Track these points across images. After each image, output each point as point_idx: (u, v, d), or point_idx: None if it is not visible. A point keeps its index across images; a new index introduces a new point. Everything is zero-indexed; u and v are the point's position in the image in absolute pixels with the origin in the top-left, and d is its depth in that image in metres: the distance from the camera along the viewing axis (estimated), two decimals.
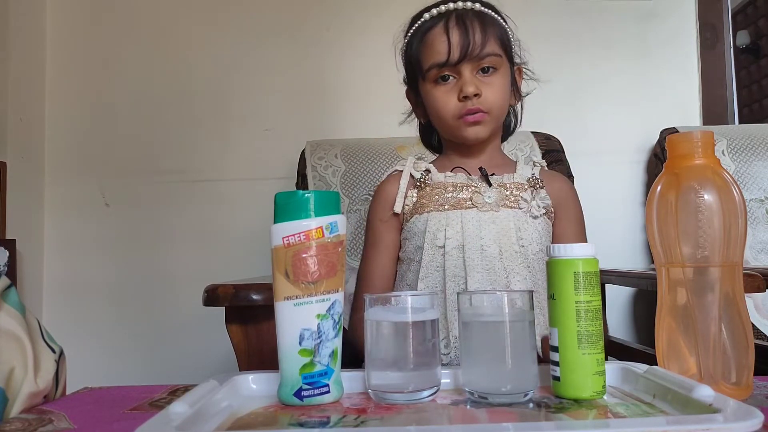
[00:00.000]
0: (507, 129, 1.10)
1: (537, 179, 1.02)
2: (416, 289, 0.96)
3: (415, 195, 1.01)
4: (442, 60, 0.95)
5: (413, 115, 1.10)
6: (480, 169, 1.01)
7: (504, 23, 1.01)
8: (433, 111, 1.00)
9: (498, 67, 0.97)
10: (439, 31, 0.96)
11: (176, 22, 1.91)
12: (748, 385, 0.66)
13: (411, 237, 1.00)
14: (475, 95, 0.94)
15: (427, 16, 0.99)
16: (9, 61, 1.75)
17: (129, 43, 1.91)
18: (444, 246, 0.95)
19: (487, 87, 0.95)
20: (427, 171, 1.03)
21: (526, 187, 1.01)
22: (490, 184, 0.99)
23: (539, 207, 0.99)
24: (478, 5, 0.98)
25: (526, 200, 0.99)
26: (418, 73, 1.00)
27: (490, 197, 0.98)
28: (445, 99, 0.96)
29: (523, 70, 1.06)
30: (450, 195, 0.99)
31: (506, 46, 1.00)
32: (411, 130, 1.14)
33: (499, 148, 1.08)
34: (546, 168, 1.08)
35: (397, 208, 1.01)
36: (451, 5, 0.97)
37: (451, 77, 0.96)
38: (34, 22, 1.87)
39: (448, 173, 1.02)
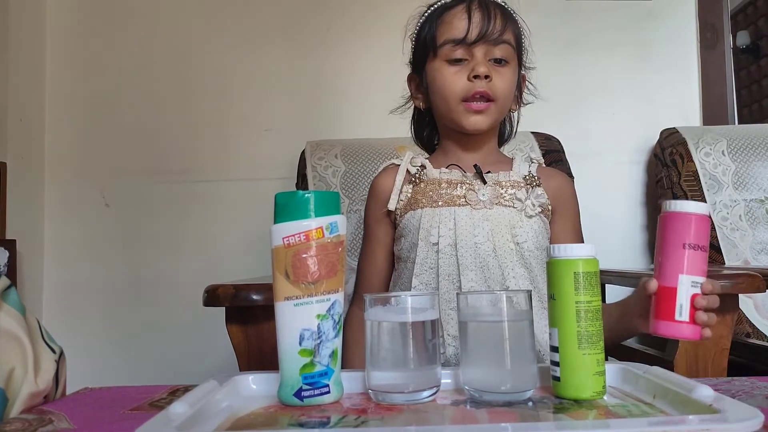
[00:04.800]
0: (501, 136, 1.09)
1: (534, 177, 1.01)
2: (410, 288, 0.95)
3: (410, 191, 1.00)
4: (459, 36, 0.94)
5: (407, 105, 1.08)
6: (475, 166, 0.99)
7: (521, 26, 1.01)
8: (438, 90, 0.98)
9: (509, 60, 0.97)
10: (460, 9, 0.96)
11: (176, 23, 1.91)
12: None
13: (406, 234, 0.99)
14: (486, 77, 0.93)
15: None
16: (9, 61, 1.75)
17: (129, 43, 1.91)
18: (438, 243, 0.95)
19: (497, 75, 0.95)
20: (423, 167, 1.02)
21: (522, 185, 0.99)
22: (485, 182, 0.98)
23: (534, 206, 0.97)
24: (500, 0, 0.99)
25: (520, 199, 0.97)
26: (429, 50, 0.98)
27: (484, 195, 0.96)
28: (454, 78, 0.95)
29: (526, 80, 1.06)
30: (444, 191, 0.97)
31: (519, 45, 1.00)
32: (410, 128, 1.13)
33: (496, 148, 1.06)
34: (543, 165, 1.07)
35: (391, 206, 0.99)
36: None
37: (463, 60, 0.95)
38: (34, 22, 1.87)
39: (443, 169, 1.00)
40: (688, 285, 0.67)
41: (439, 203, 0.97)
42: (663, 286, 0.69)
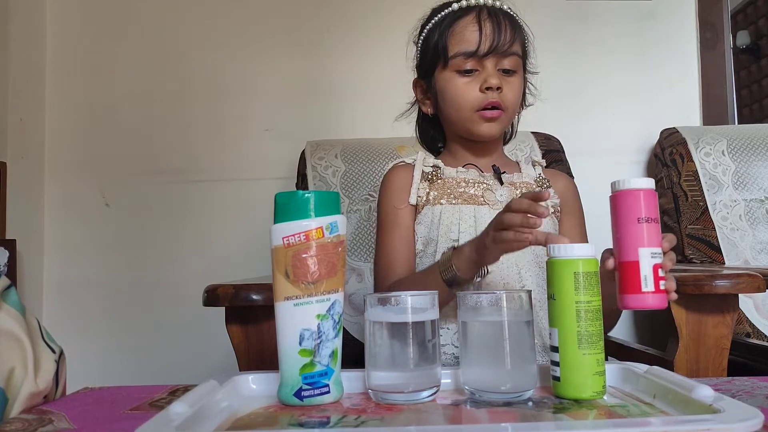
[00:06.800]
0: (503, 136, 1.10)
1: (543, 179, 1.04)
2: None
3: (426, 187, 1.01)
4: (471, 49, 0.95)
5: (412, 110, 1.09)
6: (493, 166, 1.01)
7: (526, 33, 1.01)
8: (450, 100, 0.99)
9: (517, 70, 0.99)
10: (470, 20, 0.96)
11: (176, 22, 1.91)
12: None
13: (421, 228, 1.00)
14: (498, 89, 0.95)
15: (456, 6, 0.98)
16: (9, 61, 1.75)
17: (128, 43, 1.91)
18: (458, 240, 0.95)
19: (507, 85, 0.97)
20: (436, 167, 1.03)
21: (534, 186, 1.02)
22: (502, 183, 1.00)
23: (547, 206, 0.98)
24: (506, 6, 0.99)
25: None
26: (439, 60, 0.99)
27: (501, 195, 0.99)
28: (466, 89, 0.97)
29: (528, 83, 1.06)
30: (463, 190, 0.99)
31: (525, 53, 1.01)
32: (411, 129, 1.13)
33: (503, 151, 1.09)
34: (545, 167, 1.09)
35: (412, 200, 1.00)
36: (482, 0, 0.98)
37: (474, 71, 0.97)
38: (34, 23, 1.87)
39: (460, 168, 1.02)
40: (649, 256, 0.68)
41: (459, 201, 0.98)
42: (625, 261, 0.70)
